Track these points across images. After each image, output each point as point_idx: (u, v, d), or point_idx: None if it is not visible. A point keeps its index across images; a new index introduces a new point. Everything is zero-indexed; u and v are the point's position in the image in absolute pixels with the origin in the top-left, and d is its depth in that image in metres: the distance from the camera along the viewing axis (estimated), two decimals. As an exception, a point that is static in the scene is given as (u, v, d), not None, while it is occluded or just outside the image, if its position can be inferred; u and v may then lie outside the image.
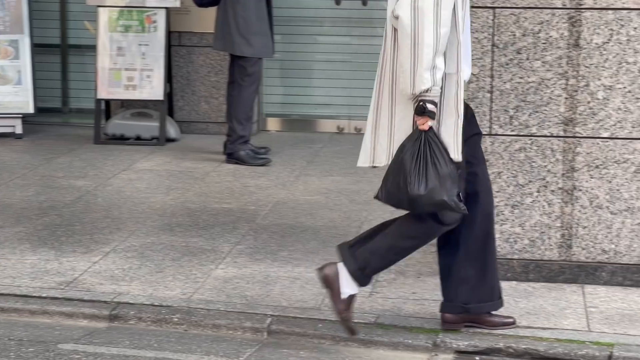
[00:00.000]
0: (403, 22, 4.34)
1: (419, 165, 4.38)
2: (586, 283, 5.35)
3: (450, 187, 4.39)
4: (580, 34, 5.24)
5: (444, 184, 4.38)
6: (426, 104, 4.34)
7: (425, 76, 4.30)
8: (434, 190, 4.37)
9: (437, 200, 4.39)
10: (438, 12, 4.31)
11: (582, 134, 5.30)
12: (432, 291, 5.22)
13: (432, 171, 4.37)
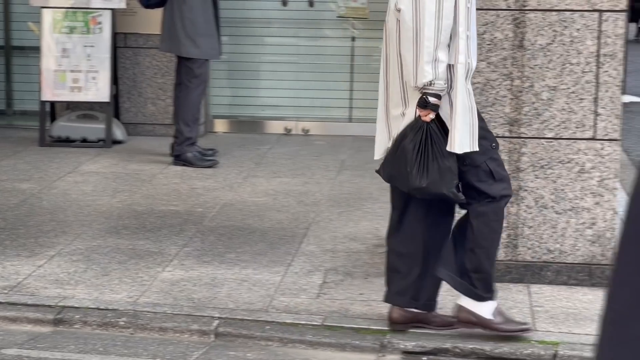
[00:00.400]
0: (404, 16, 4.37)
1: (420, 157, 4.44)
2: (532, 282, 5.39)
3: (449, 180, 4.45)
4: (524, 35, 5.28)
5: (443, 177, 4.45)
6: (428, 97, 4.38)
7: (426, 69, 4.33)
8: (434, 183, 4.45)
9: (436, 192, 4.47)
10: (439, 5, 4.34)
11: (527, 135, 5.34)
12: (379, 292, 5.23)
13: (433, 165, 4.44)
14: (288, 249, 5.95)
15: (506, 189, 4.65)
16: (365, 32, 9.22)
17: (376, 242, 6.07)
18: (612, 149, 5.30)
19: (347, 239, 6.13)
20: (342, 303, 5.13)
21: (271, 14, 9.39)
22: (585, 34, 5.25)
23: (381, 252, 5.87)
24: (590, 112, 5.29)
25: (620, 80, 5.28)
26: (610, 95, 5.26)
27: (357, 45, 9.27)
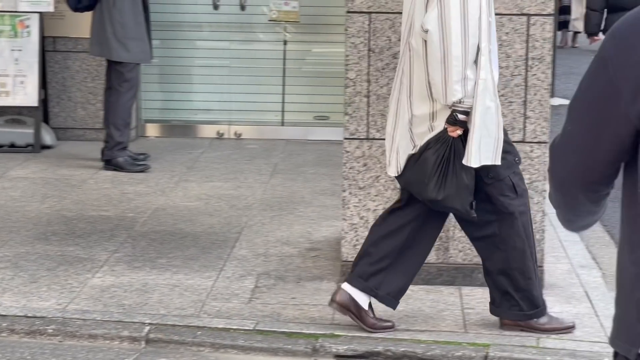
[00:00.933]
0: (432, 36, 4.42)
1: (440, 170, 4.51)
2: (463, 285, 5.41)
3: (465, 197, 4.53)
4: (454, 39, 5.30)
5: (460, 193, 4.52)
6: (457, 115, 4.45)
7: (455, 88, 4.41)
8: (449, 198, 4.52)
9: (450, 206, 4.56)
10: (465, 24, 4.41)
11: (458, 138, 5.35)
12: (312, 296, 5.23)
13: (451, 179, 4.51)
14: (220, 253, 5.91)
15: (525, 204, 4.75)
16: (297, 35, 9.21)
17: (308, 245, 6.06)
18: (541, 152, 5.34)
19: (280, 243, 6.11)
20: (274, 307, 5.10)
21: (203, 18, 9.34)
22: (513, 37, 5.28)
23: (314, 256, 5.86)
24: (519, 115, 5.33)
25: (548, 83, 5.32)
26: (539, 98, 5.30)
27: (289, 49, 9.26)
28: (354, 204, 5.42)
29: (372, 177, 5.39)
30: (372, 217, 5.40)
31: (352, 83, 5.35)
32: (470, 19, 4.42)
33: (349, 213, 5.43)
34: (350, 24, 5.32)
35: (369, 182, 5.40)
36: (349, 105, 5.36)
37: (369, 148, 5.39)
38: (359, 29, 5.33)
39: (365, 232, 5.41)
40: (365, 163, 5.39)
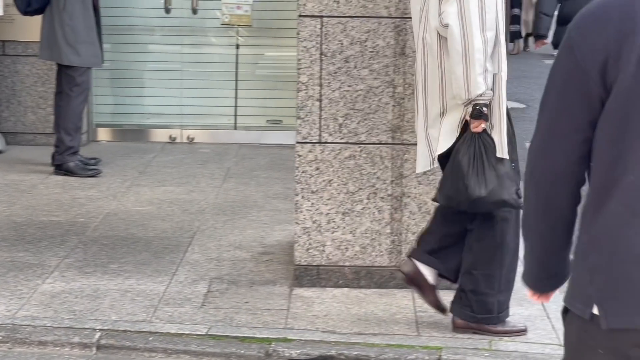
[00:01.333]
0: (453, 30, 4.47)
1: (476, 167, 4.55)
2: (416, 288, 5.42)
3: (509, 186, 4.56)
4: (406, 43, 5.31)
5: (502, 183, 4.55)
6: (482, 107, 4.49)
7: (479, 80, 4.46)
8: (494, 191, 4.54)
9: (497, 199, 4.55)
10: (483, 17, 4.47)
11: (410, 141, 5.37)
12: (265, 300, 5.21)
13: (490, 172, 4.55)
14: (172, 258, 5.87)
15: (510, 212, 4.73)
16: (249, 39, 9.19)
17: (261, 250, 6.04)
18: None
19: (232, 247, 6.09)
20: (227, 312, 5.08)
21: (154, 21, 9.29)
22: (465, 41, 5.30)
23: (266, 260, 5.85)
24: (471, 118, 5.34)
25: (500, 86, 5.34)
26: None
27: (242, 52, 9.23)
28: (307, 208, 5.41)
29: (324, 181, 5.39)
30: (324, 220, 5.40)
31: (304, 87, 5.35)
32: (487, 12, 4.49)
33: (302, 217, 5.42)
34: (302, 27, 5.31)
35: (322, 185, 5.40)
36: (301, 109, 5.35)
37: (322, 152, 5.38)
38: (310, 32, 5.32)
39: (318, 236, 5.41)
40: (317, 167, 5.39)
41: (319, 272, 5.44)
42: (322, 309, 5.12)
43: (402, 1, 5.28)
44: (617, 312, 2.32)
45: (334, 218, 5.42)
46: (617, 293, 2.33)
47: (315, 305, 5.17)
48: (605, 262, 2.35)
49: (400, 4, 5.28)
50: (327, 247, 5.44)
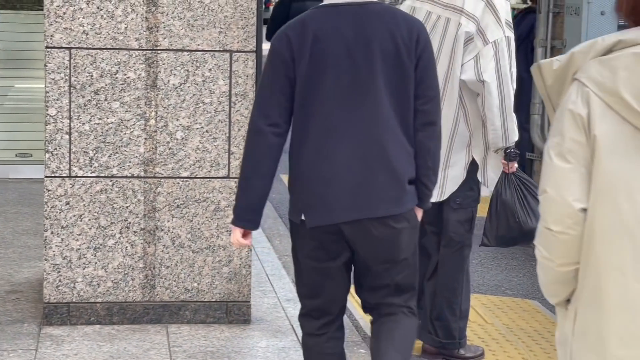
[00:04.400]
0: (491, 87, 4.85)
1: (521, 201, 4.95)
2: (170, 322, 5.36)
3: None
4: (157, 75, 5.28)
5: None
6: (515, 150, 4.97)
7: (514, 129, 4.93)
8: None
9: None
10: (512, 71, 4.91)
11: (163, 174, 5.32)
12: (12, 341, 5.02)
13: (534, 202, 4.90)
14: None
15: (471, 240, 5.09)
16: None
17: (9, 288, 5.82)
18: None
19: (-21, 286, 5.85)
20: (-28, 354, 4.86)
21: None
22: (217, 74, 5.31)
23: (14, 299, 5.64)
24: (224, 151, 5.35)
25: (251, 119, 5.38)
26: (242, 134, 5.34)
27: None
28: (57, 244, 5.26)
29: (75, 216, 5.26)
30: (75, 256, 5.27)
31: (52, 120, 5.21)
32: (512, 66, 4.92)
33: (52, 253, 5.27)
34: (50, 59, 5.19)
35: (72, 220, 5.27)
36: (50, 142, 5.22)
37: (72, 186, 5.26)
38: (59, 64, 5.20)
39: (68, 272, 5.28)
40: (67, 202, 5.26)
41: (70, 309, 5.30)
42: (72, 348, 4.98)
43: (153, 33, 5.24)
44: (313, 217, 3.78)
45: (85, 253, 5.30)
46: (313, 205, 3.78)
47: (65, 344, 5.03)
48: (306, 186, 3.79)
49: (151, 36, 5.24)
50: (78, 284, 5.31)
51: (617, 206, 2.46)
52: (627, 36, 2.46)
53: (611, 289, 2.48)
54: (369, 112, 3.74)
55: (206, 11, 5.27)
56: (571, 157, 2.49)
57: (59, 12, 5.17)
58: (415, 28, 3.80)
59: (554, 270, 2.57)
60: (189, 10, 5.26)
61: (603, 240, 2.48)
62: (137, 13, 5.23)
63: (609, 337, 2.49)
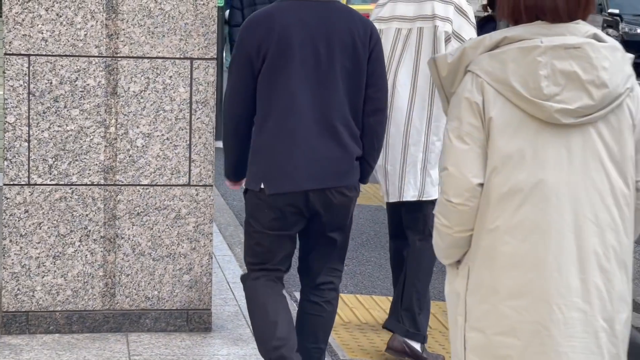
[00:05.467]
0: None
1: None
2: (130, 331, 5.34)
3: None
4: (117, 82, 5.25)
5: None
6: None
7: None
8: None
9: None
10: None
11: (123, 182, 5.30)
12: (-30, 350, 4.98)
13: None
14: None
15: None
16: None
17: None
18: (207, 195, 5.37)
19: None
20: None
21: None
22: (177, 81, 5.30)
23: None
24: (184, 159, 5.34)
25: (212, 126, 5.37)
26: (203, 141, 5.33)
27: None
28: (15, 252, 5.22)
29: (34, 224, 5.23)
30: (34, 265, 5.23)
31: (11, 127, 5.18)
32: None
33: (10, 261, 5.23)
34: (8, 66, 5.15)
35: (31, 229, 5.23)
36: (8, 150, 5.18)
37: (31, 194, 5.22)
38: (17, 71, 5.16)
39: (27, 281, 5.24)
40: (26, 209, 5.22)
41: (29, 318, 5.26)
42: (31, 357, 4.94)
43: (113, 40, 5.22)
44: (272, 185, 4.23)
45: (45, 262, 5.26)
46: (271, 174, 4.24)
47: (24, 354, 4.99)
48: (269, 157, 4.26)
49: (111, 43, 5.22)
50: (37, 292, 5.27)
51: (510, 177, 2.87)
52: (511, 33, 2.90)
53: (503, 249, 2.90)
54: (326, 96, 4.24)
55: (167, 18, 5.26)
56: (468, 139, 2.90)
57: (18, 18, 5.14)
58: (369, 26, 4.33)
59: (451, 236, 2.98)
60: (150, 17, 5.24)
61: (497, 208, 2.89)
62: (97, 20, 5.20)
63: (501, 290, 2.90)
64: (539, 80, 2.85)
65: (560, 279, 2.88)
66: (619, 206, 2.94)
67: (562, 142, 2.89)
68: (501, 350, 2.93)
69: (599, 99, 2.87)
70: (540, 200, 2.88)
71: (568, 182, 2.90)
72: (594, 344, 2.91)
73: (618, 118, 2.93)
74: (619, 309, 2.95)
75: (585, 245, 2.90)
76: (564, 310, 2.89)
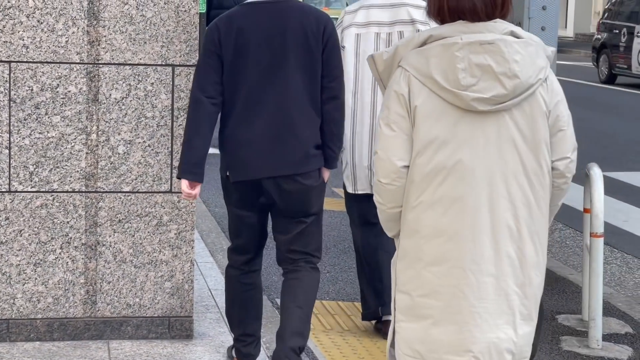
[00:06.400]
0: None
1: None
2: (112, 338, 5.33)
3: None
4: (99, 89, 5.25)
5: None
6: None
7: None
8: None
9: None
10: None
11: (105, 189, 5.29)
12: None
13: None
14: None
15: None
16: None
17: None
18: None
19: None
20: None
21: None
22: (159, 88, 5.29)
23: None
24: (166, 166, 5.33)
25: (194, 133, 5.36)
26: (185, 148, 5.32)
27: None
28: (-4, 260, 5.21)
29: (14, 231, 5.21)
30: (14, 272, 5.22)
31: (-8, 134, 5.16)
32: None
33: (-9, 269, 5.21)
34: (-11, 72, 5.14)
35: (12, 236, 5.22)
36: (-11, 156, 5.16)
37: (12, 201, 5.20)
38: (-2, 78, 5.15)
39: (8, 288, 5.23)
40: (7, 217, 5.20)
41: (9, 325, 5.25)
42: (12, 365, 4.93)
43: (95, 47, 5.21)
44: (234, 173, 4.71)
45: (25, 269, 5.25)
46: (233, 163, 4.71)
47: (5, 361, 4.97)
48: (230, 149, 4.71)
49: (92, 50, 5.21)
50: (17, 300, 5.25)
51: (432, 158, 3.25)
52: (436, 32, 3.29)
53: (426, 222, 3.29)
54: (281, 90, 4.64)
55: (148, 25, 5.25)
56: (395, 127, 3.28)
57: (-1, 25, 5.13)
58: (322, 20, 4.70)
59: (385, 212, 3.39)
60: (131, 24, 5.24)
61: (420, 186, 3.27)
62: (78, 27, 5.19)
63: (424, 258, 3.31)
64: (457, 73, 3.22)
65: (474, 249, 3.27)
66: (531, 184, 3.29)
67: (479, 128, 3.26)
68: (424, 310, 3.32)
69: (511, 88, 3.23)
70: (458, 179, 3.26)
71: (484, 163, 3.27)
72: (506, 305, 3.30)
73: (531, 105, 3.28)
74: (530, 275, 3.33)
75: (498, 219, 3.27)
76: (477, 276, 3.28)
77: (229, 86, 4.65)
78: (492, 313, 3.30)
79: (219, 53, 4.63)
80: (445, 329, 3.32)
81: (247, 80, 4.63)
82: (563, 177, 3.40)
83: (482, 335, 3.31)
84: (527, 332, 3.37)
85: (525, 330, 3.35)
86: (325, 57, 4.64)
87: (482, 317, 3.29)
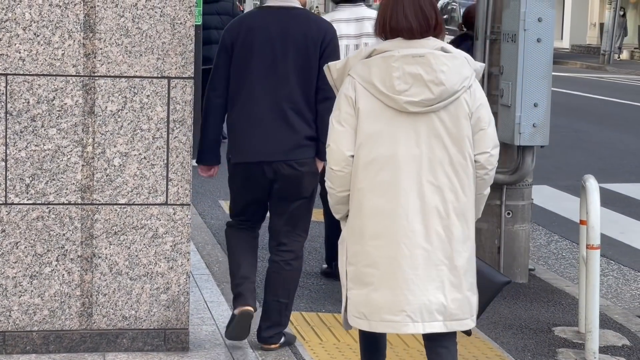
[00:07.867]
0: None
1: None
2: (108, 351, 5.32)
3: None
4: (95, 102, 5.25)
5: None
6: None
7: None
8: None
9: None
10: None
11: (100, 201, 5.29)
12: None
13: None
14: None
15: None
16: None
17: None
18: (184, 214, 5.37)
19: None
20: None
21: None
22: (155, 100, 5.30)
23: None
24: (162, 178, 5.34)
25: (190, 145, 5.37)
26: (180, 160, 5.33)
27: None
28: (-8, 272, 5.20)
29: (11, 244, 5.21)
30: (10, 284, 5.21)
31: (-12, 146, 5.16)
32: None
33: (-13, 281, 5.21)
34: (-15, 85, 5.14)
35: (8, 248, 5.21)
36: (-16, 169, 5.16)
37: (8, 213, 5.20)
38: (-6, 90, 5.15)
39: (4, 301, 5.23)
40: (3, 229, 5.20)
41: (5, 338, 5.24)
42: (8, 377, 4.93)
43: (91, 60, 5.22)
44: (235, 156, 5.36)
45: (21, 281, 5.24)
46: (236, 148, 5.36)
47: (0, 374, 4.97)
48: (234, 135, 5.35)
49: (88, 62, 5.22)
50: (13, 312, 5.25)
51: (372, 150, 4.06)
52: (379, 47, 4.11)
53: (367, 204, 4.09)
54: (279, 87, 5.28)
55: (144, 38, 5.26)
56: (345, 123, 4.12)
57: (-5, 38, 5.14)
58: (323, 29, 5.36)
59: (336, 195, 4.18)
60: (127, 36, 5.25)
61: (363, 173, 4.08)
62: (74, 39, 5.20)
63: (365, 233, 4.11)
64: (393, 80, 4.02)
65: (407, 226, 4.04)
66: (457, 173, 4.07)
67: (411, 126, 4.06)
68: (366, 278, 4.10)
69: (437, 93, 4.02)
70: (393, 168, 4.06)
71: (415, 155, 4.05)
72: (435, 274, 4.06)
73: (456, 108, 4.06)
74: (458, 249, 4.08)
75: (427, 201, 4.05)
76: (410, 248, 4.04)
77: (235, 79, 5.33)
78: (423, 280, 4.04)
79: (229, 52, 5.33)
80: (383, 294, 4.05)
81: (251, 77, 5.29)
82: (484, 169, 4.12)
83: (415, 298, 4.03)
84: (458, 298, 4.08)
85: (455, 296, 4.07)
86: (323, 62, 5.02)
87: (415, 283, 4.03)
